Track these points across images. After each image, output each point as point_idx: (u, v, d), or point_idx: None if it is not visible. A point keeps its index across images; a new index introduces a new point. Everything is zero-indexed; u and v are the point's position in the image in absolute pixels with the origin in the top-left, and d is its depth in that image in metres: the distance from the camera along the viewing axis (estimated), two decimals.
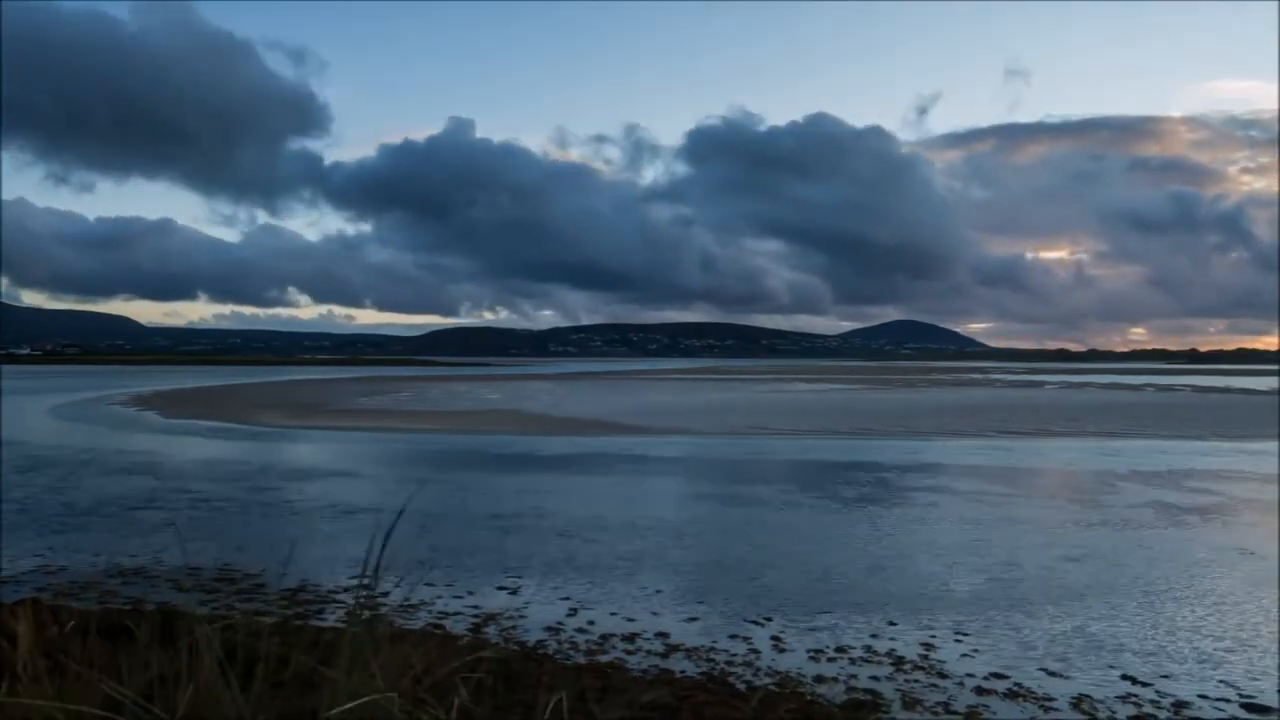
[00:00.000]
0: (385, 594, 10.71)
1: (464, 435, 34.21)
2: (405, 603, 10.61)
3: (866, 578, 12.43)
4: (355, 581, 9.46)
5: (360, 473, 23.13)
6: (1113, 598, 11.37)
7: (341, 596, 10.88)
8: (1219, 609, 10.89)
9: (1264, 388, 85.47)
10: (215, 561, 12.68)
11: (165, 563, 12.66)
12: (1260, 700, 7.93)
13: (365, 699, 3.02)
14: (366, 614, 3.36)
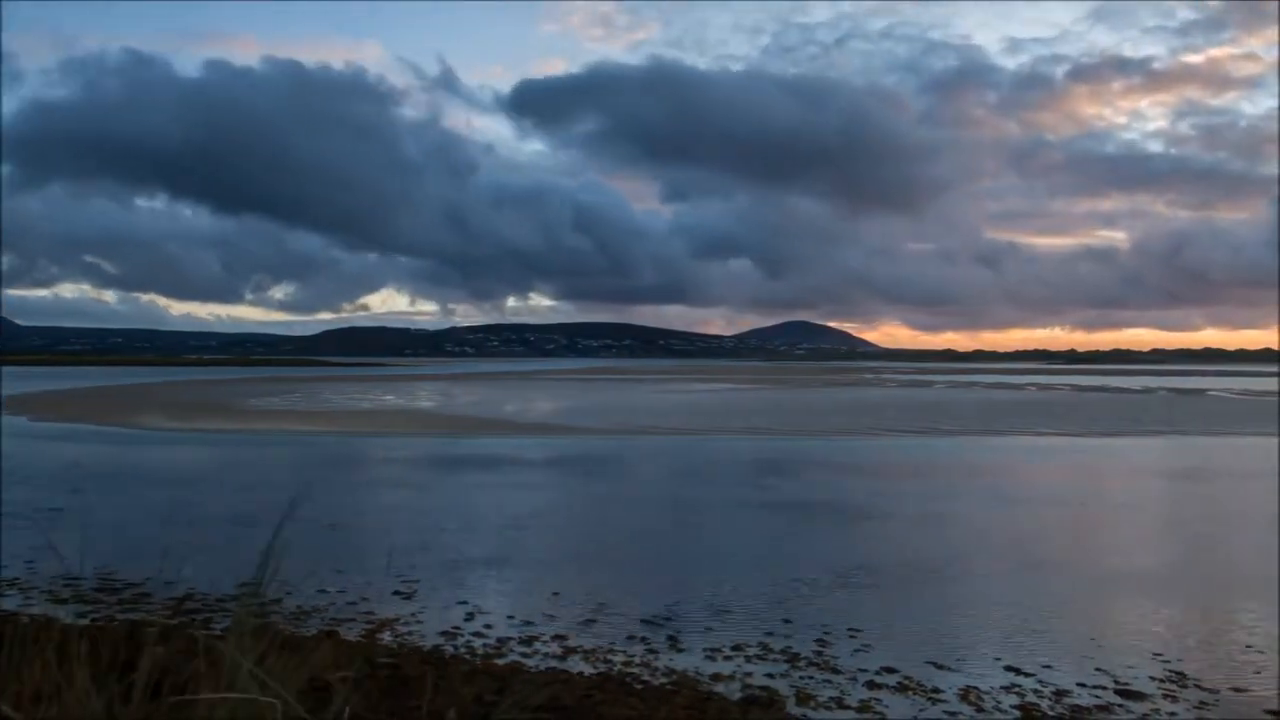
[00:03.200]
0: (277, 601, 10.45)
1: (356, 437, 33.62)
2: (298, 610, 10.37)
3: (761, 576, 12.58)
4: (244, 589, 9.21)
5: (250, 476, 22.53)
6: (995, 589, 11.73)
7: (230, 605, 10.56)
8: (1093, 598, 11.33)
9: (1136, 386, 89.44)
10: (96, 571, 12.18)
11: (42, 574, 12.11)
12: (1134, 686, 8.26)
13: (250, 706, 2.93)
14: (253, 620, 3.26)
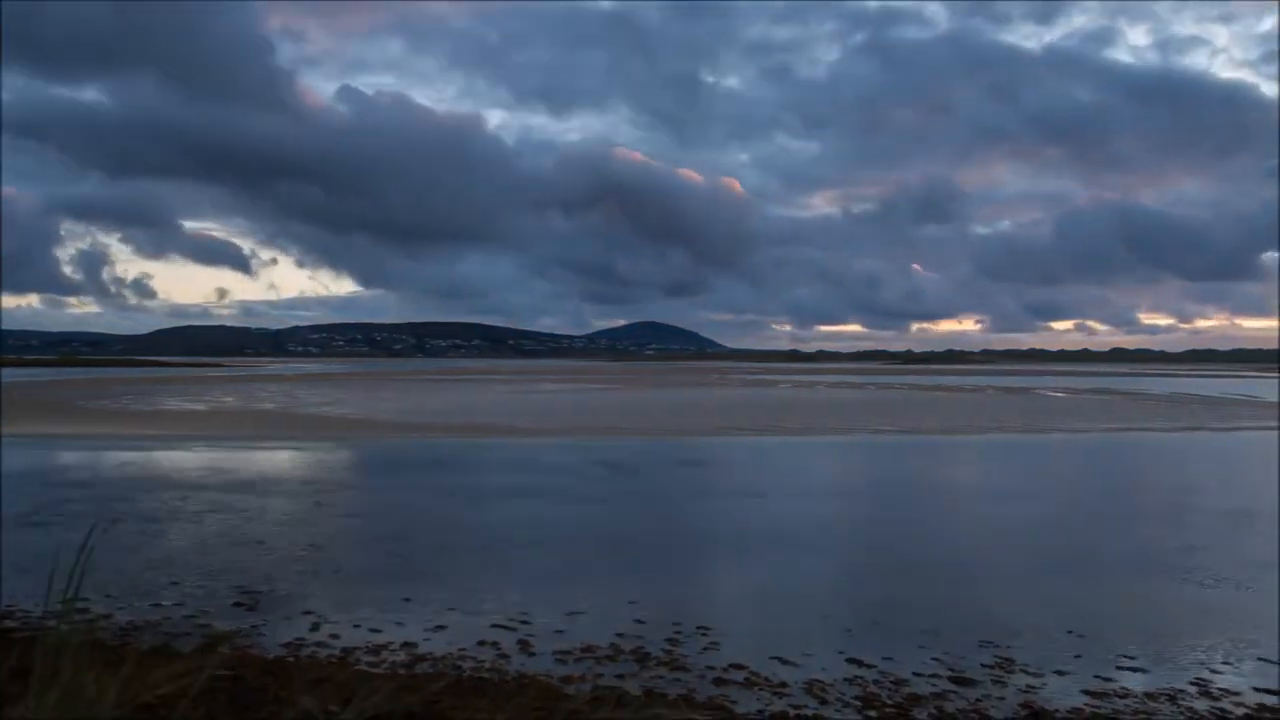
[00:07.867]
0: (107, 616, 9.96)
1: (189, 439, 32.22)
2: (128, 625, 9.89)
3: (612, 575, 12.65)
4: (66, 605, 8.70)
5: (77, 484, 21.33)
6: (836, 584, 12.09)
7: (54, 622, 9.96)
8: (927, 589, 11.81)
9: (969, 385, 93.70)
10: None
11: None
12: (967, 675, 8.65)
13: None
14: (76, 637, 3.09)
